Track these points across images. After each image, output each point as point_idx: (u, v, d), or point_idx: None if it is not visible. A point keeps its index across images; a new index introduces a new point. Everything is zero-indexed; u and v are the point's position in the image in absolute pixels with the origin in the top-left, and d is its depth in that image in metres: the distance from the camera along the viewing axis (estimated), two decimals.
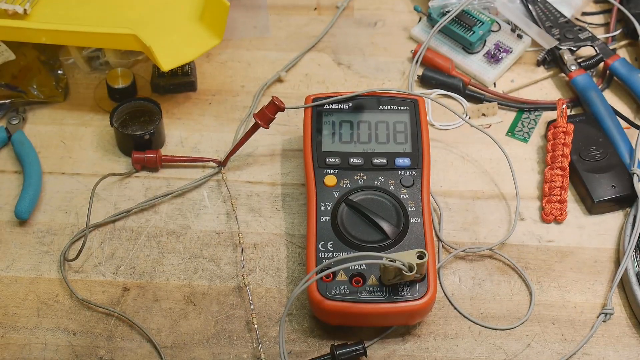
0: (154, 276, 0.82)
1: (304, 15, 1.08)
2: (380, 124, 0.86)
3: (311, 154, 0.84)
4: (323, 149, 0.85)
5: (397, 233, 0.78)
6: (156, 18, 0.96)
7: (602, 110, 0.94)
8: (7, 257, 0.84)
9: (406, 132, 0.86)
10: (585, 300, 0.81)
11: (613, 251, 0.85)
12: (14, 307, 0.80)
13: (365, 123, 0.86)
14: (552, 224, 0.87)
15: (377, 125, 0.86)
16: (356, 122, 0.86)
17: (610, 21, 1.05)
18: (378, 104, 0.88)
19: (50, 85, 0.96)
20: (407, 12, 1.08)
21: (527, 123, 0.96)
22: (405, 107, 0.87)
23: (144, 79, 0.99)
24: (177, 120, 0.95)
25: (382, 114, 0.87)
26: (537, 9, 1.04)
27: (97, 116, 0.96)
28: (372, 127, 0.86)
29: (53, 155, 0.92)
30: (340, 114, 0.87)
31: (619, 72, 0.98)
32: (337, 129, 0.86)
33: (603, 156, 0.90)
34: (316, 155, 0.84)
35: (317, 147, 0.85)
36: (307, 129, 0.86)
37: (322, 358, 0.76)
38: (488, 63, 1.00)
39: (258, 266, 0.83)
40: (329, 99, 0.88)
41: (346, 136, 0.86)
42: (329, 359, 0.76)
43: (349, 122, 0.87)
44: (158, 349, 0.77)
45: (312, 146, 0.85)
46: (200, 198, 0.88)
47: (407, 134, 0.85)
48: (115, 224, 0.86)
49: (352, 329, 0.78)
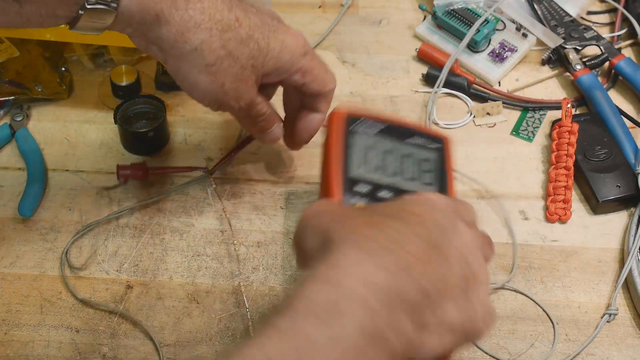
0: (157, 274, 0.82)
1: (309, 13, 1.07)
2: (407, 158, 0.74)
3: (342, 175, 0.71)
4: (350, 173, 0.72)
5: None
6: None
7: (607, 110, 0.93)
8: (11, 254, 0.84)
9: (434, 172, 0.74)
10: (590, 300, 0.81)
11: (617, 251, 0.85)
12: (17, 304, 0.80)
13: (393, 153, 0.74)
14: (557, 223, 0.87)
15: (404, 158, 0.74)
16: (384, 151, 0.74)
17: (616, 20, 1.04)
18: (407, 135, 0.75)
19: (54, 82, 0.96)
20: (412, 10, 1.08)
21: (532, 122, 0.96)
22: (435, 145, 0.76)
23: (148, 77, 0.98)
24: (181, 117, 0.95)
25: (410, 147, 0.75)
26: (542, 8, 1.03)
27: (101, 113, 0.96)
28: (400, 159, 0.74)
29: (57, 152, 0.92)
30: (368, 137, 0.74)
31: (624, 72, 0.98)
32: (365, 154, 0.73)
33: (608, 156, 0.89)
34: (344, 179, 0.71)
35: (345, 170, 0.72)
36: (335, 147, 0.73)
37: None
38: (493, 62, 1.00)
39: (261, 264, 0.83)
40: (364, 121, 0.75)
41: (374, 163, 0.73)
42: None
43: (376, 149, 0.74)
44: (157, 347, 0.77)
45: (343, 166, 0.72)
46: (204, 196, 0.88)
47: (435, 175, 0.74)
48: (119, 221, 0.86)
49: None
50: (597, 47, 1.00)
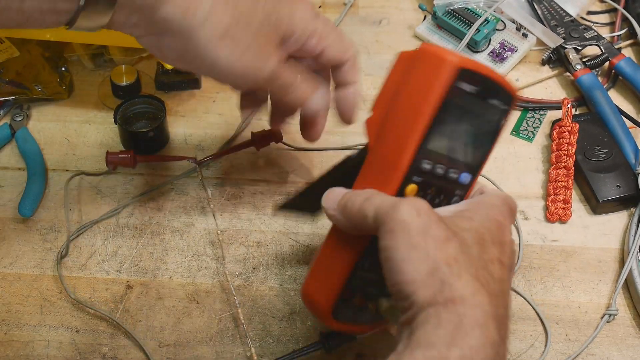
0: (157, 274, 0.82)
1: None
2: (479, 118, 0.65)
3: (416, 148, 0.62)
4: (430, 145, 0.63)
5: None
6: None
7: (607, 110, 0.93)
8: (11, 254, 0.84)
9: (489, 135, 0.67)
10: (590, 300, 0.81)
11: (617, 251, 0.85)
12: (17, 304, 0.80)
13: (471, 114, 0.65)
14: (557, 223, 0.87)
15: (477, 119, 0.65)
16: (470, 112, 0.64)
17: (616, 20, 1.04)
18: (490, 95, 0.65)
19: (54, 82, 0.96)
20: (412, 10, 1.08)
21: (532, 122, 0.96)
22: (505, 106, 0.66)
23: (148, 77, 0.98)
24: (181, 117, 0.95)
25: (486, 107, 0.65)
26: (542, 8, 1.03)
27: (101, 113, 0.96)
28: (473, 120, 0.65)
29: (57, 152, 0.92)
30: (468, 99, 0.63)
31: (624, 72, 0.98)
32: (458, 116, 0.63)
33: (608, 156, 0.89)
34: (419, 152, 0.63)
35: (427, 139, 0.62)
36: (426, 107, 0.61)
37: (312, 346, 0.76)
38: (493, 62, 1.00)
39: (261, 264, 0.83)
40: (471, 74, 0.62)
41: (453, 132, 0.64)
42: (320, 348, 0.76)
43: (468, 110, 0.64)
44: (157, 347, 0.77)
45: (424, 136, 0.62)
46: (204, 196, 0.88)
47: (490, 139, 0.67)
48: (119, 221, 0.86)
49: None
50: (597, 47, 1.00)
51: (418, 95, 0.62)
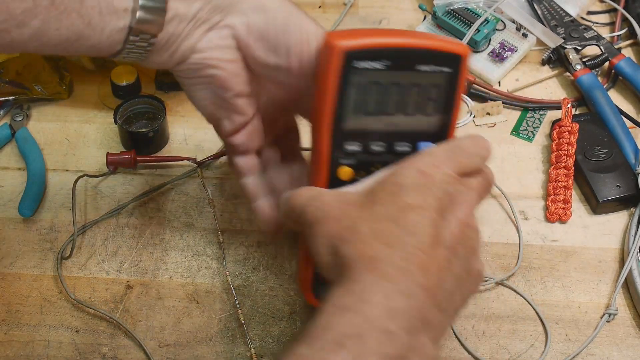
0: (157, 274, 0.82)
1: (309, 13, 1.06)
2: (414, 87, 0.67)
3: (329, 133, 0.66)
4: (345, 126, 0.66)
5: None
6: None
7: (607, 110, 0.93)
8: (11, 254, 0.83)
9: (440, 100, 0.67)
10: (590, 300, 0.81)
11: (617, 251, 0.85)
12: (17, 304, 0.80)
13: (397, 86, 0.66)
14: (557, 223, 0.87)
15: (409, 89, 0.66)
16: (388, 85, 0.66)
17: (616, 20, 1.04)
18: (417, 62, 0.66)
19: (55, 82, 0.96)
20: (412, 10, 1.08)
21: (532, 122, 0.96)
22: (448, 69, 0.66)
23: (149, 77, 0.98)
24: (181, 117, 0.95)
25: (418, 75, 0.66)
26: (542, 8, 1.03)
27: (101, 113, 0.96)
28: (404, 92, 0.67)
29: (57, 152, 0.92)
30: (372, 73, 0.65)
31: (624, 72, 0.98)
32: (364, 94, 0.66)
33: (608, 156, 0.89)
34: (333, 137, 0.66)
35: (337, 121, 0.66)
36: (327, 92, 0.65)
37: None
38: (493, 62, 1.00)
39: (261, 264, 0.83)
40: (364, 50, 0.64)
41: (372, 105, 0.66)
42: None
43: (379, 85, 0.66)
44: (158, 347, 0.77)
45: (333, 120, 0.66)
46: (204, 196, 0.88)
47: (441, 103, 0.67)
48: (119, 221, 0.86)
49: None
50: (597, 47, 1.00)
51: (320, 84, 0.65)
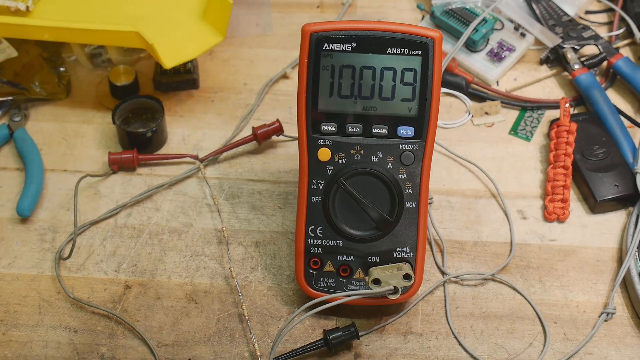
0: (155, 274, 0.82)
1: (307, 13, 1.07)
2: (386, 71, 0.73)
3: (305, 115, 0.74)
4: (319, 106, 0.73)
5: (389, 224, 0.76)
6: (159, 15, 0.96)
7: (605, 109, 0.93)
8: (9, 254, 0.83)
9: (415, 84, 0.73)
10: (588, 299, 0.81)
11: (615, 250, 0.85)
12: (15, 305, 0.80)
13: (370, 70, 0.73)
14: (555, 223, 0.87)
15: (382, 73, 0.73)
16: (359, 68, 0.73)
17: (614, 20, 1.04)
18: (386, 46, 0.72)
19: (53, 82, 0.96)
20: (410, 9, 1.08)
21: (530, 122, 0.96)
22: (418, 52, 0.72)
23: (147, 77, 0.98)
24: (179, 117, 0.95)
25: (389, 59, 0.73)
26: (540, 8, 1.03)
27: (99, 113, 0.96)
28: (377, 75, 0.73)
29: (55, 152, 0.92)
30: (341, 55, 0.73)
31: (622, 71, 0.98)
32: (336, 77, 0.73)
33: (606, 155, 0.89)
34: (311, 117, 0.74)
35: (313, 103, 0.73)
36: (303, 75, 0.73)
37: (315, 343, 0.76)
38: (491, 61, 1.00)
39: (260, 264, 0.83)
40: (331, 32, 0.72)
41: (346, 88, 0.73)
42: (322, 344, 0.76)
43: (350, 68, 0.73)
44: (156, 347, 0.77)
45: (307, 102, 0.73)
46: (202, 196, 0.88)
47: (416, 88, 0.73)
48: (117, 221, 0.86)
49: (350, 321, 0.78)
50: (595, 46, 1.00)
51: (299, 68, 0.73)
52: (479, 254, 0.84)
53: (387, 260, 0.77)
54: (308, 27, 0.72)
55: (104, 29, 0.89)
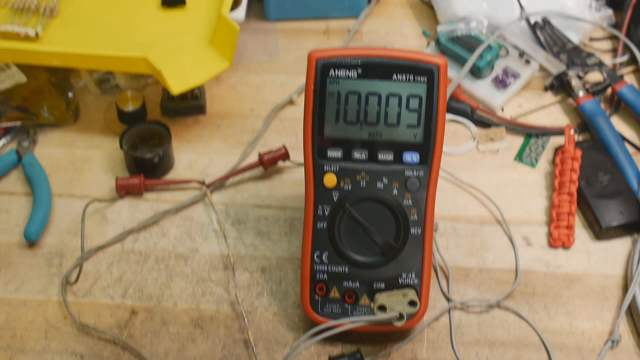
0: (161, 299, 0.82)
1: (313, 39, 1.08)
2: (391, 97, 0.74)
3: (311, 141, 0.74)
4: (325, 133, 0.74)
5: (395, 250, 0.76)
6: (167, 42, 0.97)
7: (610, 136, 0.94)
8: (16, 279, 0.84)
9: (420, 111, 0.74)
10: (593, 327, 0.81)
11: (621, 278, 0.85)
12: (22, 330, 0.80)
13: (375, 96, 0.74)
14: (560, 249, 0.87)
15: (388, 99, 0.74)
16: (365, 95, 0.74)
17: (618, 47, 1.05)
18: (392, 72, 0.73)
19: (61, 108, 0.97)
20: (415, 36, 1.09)
21: (535, 148, 0.96)
22: (423, 78, 0.73)
23: (154, 102, 0.99)
24: (186, 143, 0.96)
25: (395, 85, 0.74)
26: (544, 35, 1.04)
27: (107, 139, 0.96)
28: (382, 102, 0.74)
29: (63, 177, 0.93)
30: (347, 82, 0.74)
31: (626, 98, 0.98)
32: (342, 103, 0.74)
33: (611, 182, 0.90)
34: (317, 143, 0.75)
35: (319, 129, 0.74)
36: (309, 101, 0.74)
37: None
38: (496, 88, 1.00)
39: (266, 290, 0.83)
40: (337, 59, 0.73)
41: (352, 114, 0.74)
42: None
43: (356, 94, 0.74)
44: None
45: (313, 128, 0.74)
46: (209, 221, 0.89)
47: (421, 114, 0.74)
48: (124, 246, 0.86)
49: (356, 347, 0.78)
50: (599, 73, 1.01)
51: (305, 94, 0.74)
52: (484, 281, 0.84)
53: (392, 287, 0.77)
54: (314, 53, 0.73)
55: (112, 55, 0.90)
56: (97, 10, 1.00)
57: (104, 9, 1.00)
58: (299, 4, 1.09)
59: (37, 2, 0.98)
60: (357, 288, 0.77)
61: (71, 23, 0.98)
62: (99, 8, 1.00)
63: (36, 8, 0.98)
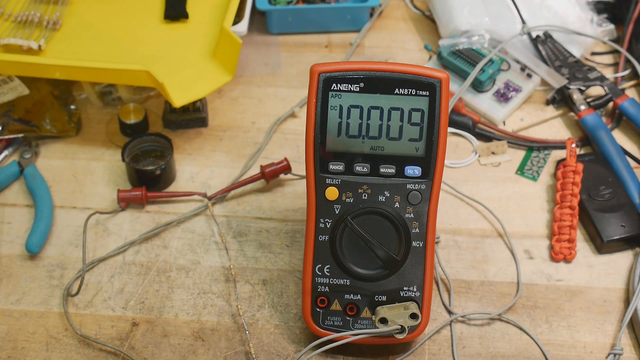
0: (163, 311, 0.82)
1: (315, 53, 1.09)
2: (393, 111, 0.74)
3: (313, 154, 0.75)
4: (327, 146, 0.74)
5: (396, 263, 0.76)
6: (169, 54, 0.97)
7: (611, 150, 0.94)
8: (17, 290, 0.84)
9: (422, 124, 0.74)
10: (595, 340, 0.81)
11: (622, 291, 0.85)
12: (23, 341, 0.80)
13: (377, 110, 0.74)
14: (562, 263, 0.87)
15: (390, 113, 0.74)
16: (367, 108, 0.74)
17: (619, 61, 1.05)
18: (394, 86, 0.74)
19: (63, 120, 0.97)
20: (417, 50, 1.09)
21: (537, 162, 0.96)
22: (425, 92, 0.73)
23: (156, 115, 0.99)
24: (188, 155, 0.96)
25: (397, 99, 0.74)
26: (546, 49, 1.04)
27: (109, 151, 0.96)
28: (385, 115, 0.74)
29: (64, 189, 0.93)
30: (349, 95, 0.74)
31: (628, 112, 0.99)
32: (344, 117, 0.74)
33: (612, 195, 0.90)
34: (318, 156, 0.75)
35: (321, 142, 0.74)
36: (311, 114, 0.74)
37: None
38: (498, 102, 1.00)
39: (267, 302, 0.83)
40: (339, 73, 0.73)
41: (354, 128, 0.74)
42: None
43: (358, 108, 0.74)
44: None
45: (315, 141, 0.74)
46: (210, 234, 0.89)
47: (423, 128, 0.74)
48: (126, 258, 0.86)
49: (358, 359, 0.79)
50: (601, 87, 1.01)
51: (307, 107, 0.74)
52: (486, 294, 0.84)
53: (394, 299, 0.77)
54: (317, 67, 0.73)
55: (114, 67, 0.91)
56: (99, 23, 1.00)
57: (107, 22, 1.01)
58: (301, 18, 1.09)
59: (41, 15, 0.99)
60: (359, 301, 0.77)
61: (74, 36, 0.99)
62: (101, 21, 1.01)
63: (39, 21, 0.98)
